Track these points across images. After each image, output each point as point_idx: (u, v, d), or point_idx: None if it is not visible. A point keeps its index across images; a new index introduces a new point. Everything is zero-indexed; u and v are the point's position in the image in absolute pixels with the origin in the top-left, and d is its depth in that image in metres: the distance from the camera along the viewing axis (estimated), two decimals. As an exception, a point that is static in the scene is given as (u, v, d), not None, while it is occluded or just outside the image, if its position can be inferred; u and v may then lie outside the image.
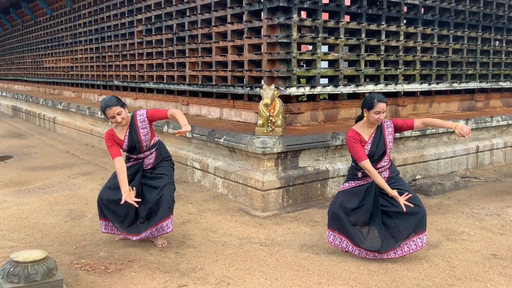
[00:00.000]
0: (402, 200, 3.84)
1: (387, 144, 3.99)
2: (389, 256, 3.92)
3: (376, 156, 3.95)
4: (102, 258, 4.02)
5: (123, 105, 4.10)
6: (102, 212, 4.27)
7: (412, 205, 3.84)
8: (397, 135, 6.31)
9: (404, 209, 3.80)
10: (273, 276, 3.67)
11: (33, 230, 4.71)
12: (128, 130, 4.14)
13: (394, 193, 3.85)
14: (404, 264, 3.90)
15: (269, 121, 5.49)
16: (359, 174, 4.05)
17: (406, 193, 3.91)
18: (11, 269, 3.09)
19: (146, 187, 4.23)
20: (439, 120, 4.10)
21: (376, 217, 3.95)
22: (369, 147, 3.96)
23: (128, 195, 3.90)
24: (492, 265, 3.87)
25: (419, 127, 4.10)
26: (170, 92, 8.72)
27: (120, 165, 4.00)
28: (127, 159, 4.32)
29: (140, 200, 4.08)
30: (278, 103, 5.53)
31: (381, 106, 3.89)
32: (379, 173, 3.96)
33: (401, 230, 3.88)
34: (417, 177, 6.64)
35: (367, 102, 3.95)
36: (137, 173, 4.22)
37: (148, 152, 4.22)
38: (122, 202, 3.90)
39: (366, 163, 3.88)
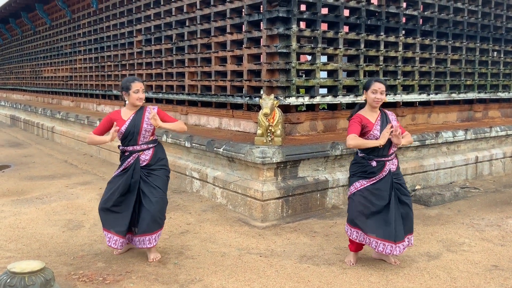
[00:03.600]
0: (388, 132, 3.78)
1: None
2: (399, 251, 3.85)
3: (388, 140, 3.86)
4: (100, 269, 3.98)
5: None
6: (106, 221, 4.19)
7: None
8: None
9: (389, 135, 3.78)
10: (273, 288, 3.63)
11: (30, 241, 4.67)
12: (134, 114, 4.14)
13: (388, 129, 3.79)
14: (405, 275, 3.87)
15: (269, 130, 5.48)
16: (373, 163, 3.89)
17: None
18: (8, 280, 3.05)
19: (142, 194, 4.13)
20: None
21: (393, 206, 3.90)
22: (378, 128, 3.87)
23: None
24: (494, 276, 3.85)
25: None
26: (169, 101, 8.73)
27: (94, 135, 4.15)
28: (122, 154, 4.20)
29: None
30: (278, 113, 5.53)
31: (377, 85, 3.88)
32: (390, 159, 3.91)
33: (406, 222, 3.97)
34: (416, 188, 6.62)
35: (366, 83, 3.98)
36: (135, 170, 4.09)
37: (145, 146, 4.12)
38: (109, 139, 3.96)
39: (352, 137, 3.75)
